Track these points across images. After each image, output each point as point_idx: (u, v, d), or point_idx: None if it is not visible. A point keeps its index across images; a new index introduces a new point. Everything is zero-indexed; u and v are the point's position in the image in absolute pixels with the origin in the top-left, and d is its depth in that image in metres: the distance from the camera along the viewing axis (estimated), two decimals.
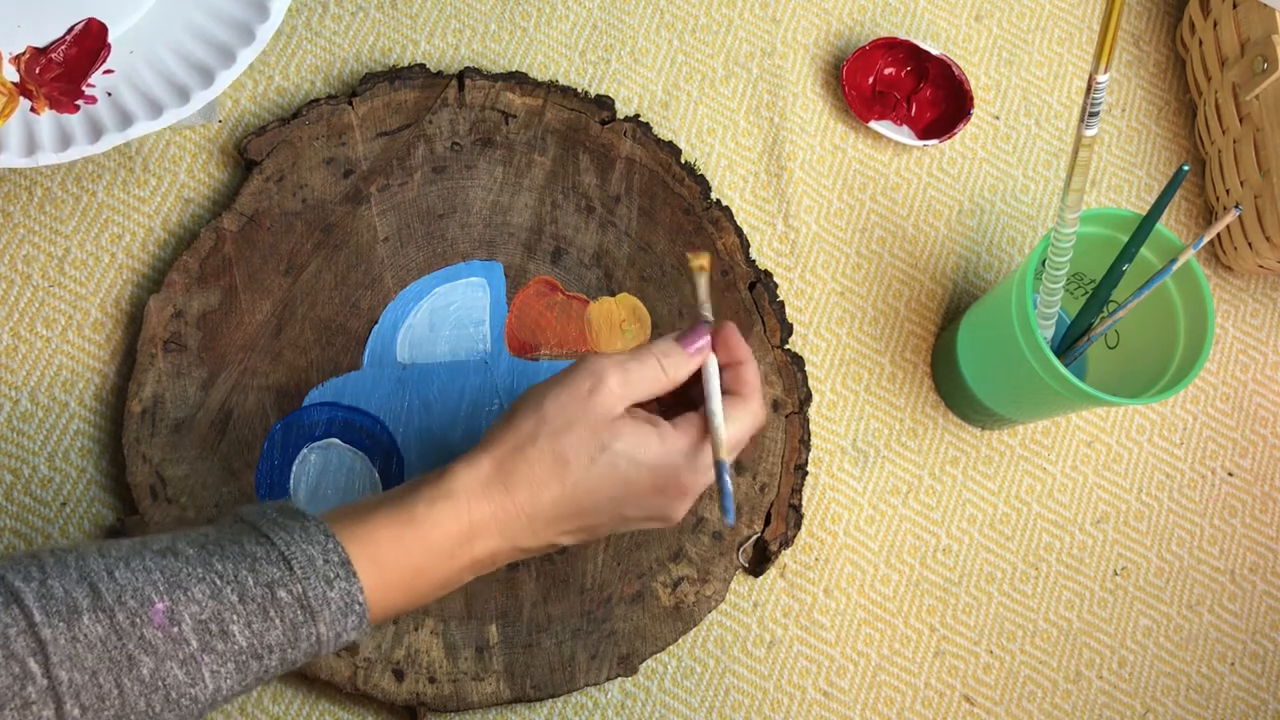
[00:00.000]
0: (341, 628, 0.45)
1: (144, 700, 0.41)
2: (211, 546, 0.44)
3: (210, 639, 0.42)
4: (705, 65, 0.73)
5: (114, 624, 0.40)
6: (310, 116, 0.65)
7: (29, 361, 0.62)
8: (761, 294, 0.68)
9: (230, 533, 0.45)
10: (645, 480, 0.48)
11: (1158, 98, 0.78)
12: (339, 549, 0.45)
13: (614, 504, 0.49)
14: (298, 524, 0.45)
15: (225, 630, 0.42)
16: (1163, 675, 0.69)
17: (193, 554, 0.43)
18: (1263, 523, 0.72)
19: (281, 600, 0.43)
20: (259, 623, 0.43)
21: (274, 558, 0.44)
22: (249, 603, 0.43)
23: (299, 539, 0.44)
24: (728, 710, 0.64)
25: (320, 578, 0.44)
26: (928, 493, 0.69)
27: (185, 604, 0.42)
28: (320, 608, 0.44)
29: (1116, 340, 0.66)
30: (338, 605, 0.44)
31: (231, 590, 0.43)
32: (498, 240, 0.66)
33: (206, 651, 0.42)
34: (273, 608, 0.43)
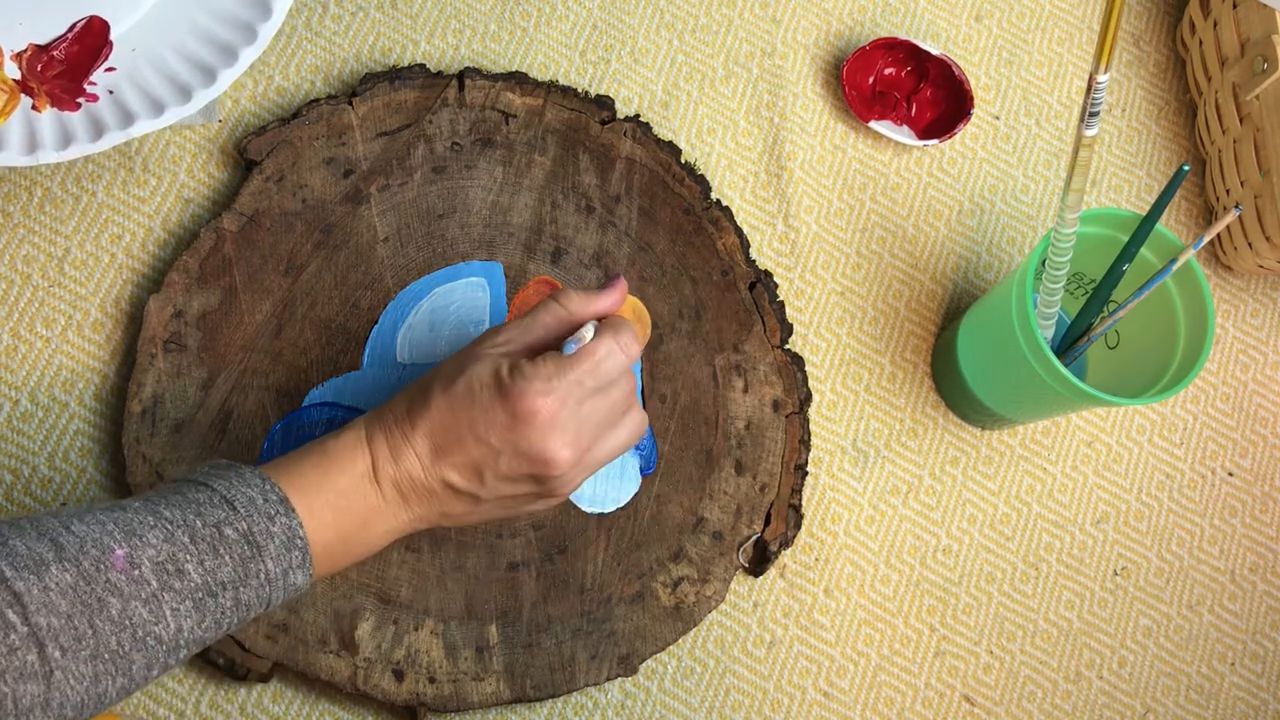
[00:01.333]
0: (287, 563, 0.47)
1: (115, 639, 0.43)
2: (155, 499, 0.47)
3: (168, 578, 0.45)
4: (705, 65, 0.73)
5: (80, 571, 0.43)
6: (310, 116, 0.65)
7: (29, 361, 0.62)
8: (761, 294, 0.68)
9: (171, 487, 0.48)
10: (494, 402, 0.50)
11: (1158, 98, 0.78)
12: (275, 489, 0.48)
13: (473, 430, 0.50)
14: (233, 471, 0.48)
15: (181, 569, 0.45)
16: (1163, 675, 0.69)
17: (139, 505, 0.46)
18: (1263, 523, 0.72)
19: (229, 537, 0.46)
20: (210, 560, 0.46)
21: (217, 501, 0.47)
22: (199, 542, 0.46)
23: (237, 483, 0.48)
24: (728, 710, 0.64)
25: (262, 514, 0.47)
26: (928, 493, 0.69)
27: (142, 548, 0.44)
28: (265, 542, 0.47)
29: (1116, 340, 0.66)
30: (281, 539, 0.47)
31: (182, 532, 0.45)
32: (498, 240, 0.66)
33: (166, 590, 0.44)
34: (221, 545, 0.46)
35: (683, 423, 0.65)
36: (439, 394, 0.51)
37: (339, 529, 0.50)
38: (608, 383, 0.52)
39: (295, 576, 0.48)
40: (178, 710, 0.60)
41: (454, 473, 0.51)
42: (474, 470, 0.51)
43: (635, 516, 0.63)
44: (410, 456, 0.51)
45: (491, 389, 0.50)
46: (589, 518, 0.63)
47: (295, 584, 0.48)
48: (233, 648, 0.59)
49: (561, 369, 0.50)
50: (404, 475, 0.51)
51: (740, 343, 0.67)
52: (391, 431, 0.51)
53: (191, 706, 0.60)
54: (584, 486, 0.63)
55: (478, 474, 0.51)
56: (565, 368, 0.50)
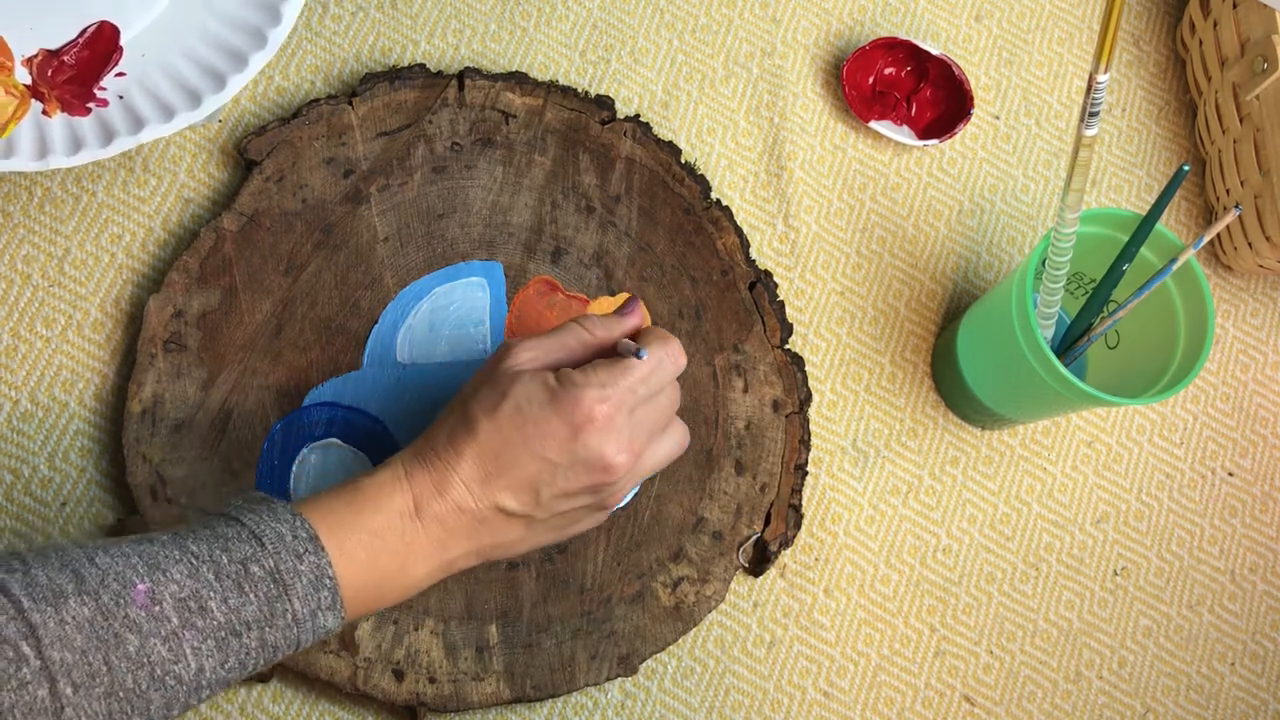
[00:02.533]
0: (315, 604, 0.46)
1: (131, 677, 0.42)
2: (184, 532, 0.46)
3: (190, 615, 0.43)
4: (705, 65, 0.73)
5: (99, 605, 0.42)
6: (310, 116, 0.65)
7: (29, 361, 0.62)
8: (761, 294, 0.68)
9: (201, 522, 0.47)
10: (548, 415, 0.50)
11: (1158, 98, 0.78)
12: (306, 525, 0.47)
13: (529, 447, 0.50)
14: (264, 506, 0.47)
15: (204, 607, 0.44)
16: (1163, 675, 0.69)
17: (167, 539, 0.45)
18: (1263, 523, 0.72)
19: (255, 575, 0.45)
20: (235, 598, 0.44)
21: (245, 536, 0.46)
22: (224, 579, 0.44)
23: (267, 518, 0.46)
24: (728, 710, 0.64)
25: (290, 552, 0.46)
26: (928, 493, 0.69)
27: (165, 584, 0.43)
28: (292, 580, 0.46)
29: (1116, 340, 0.66)
30: (309, 578, 0.46)
31: (207, 569, 0.44)
32: (498, 240, 0.66)
33: (187, 628, 0.43)
34: (247, 583, 0.45)
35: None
36: (484, 418, 0.50)
37: (374, 570, 0.48)
38: (658, 390, 0.52)
39: (325, 619, 0.47)
40: None
41: (508, 496, 0.50)
42: (530, 490, 0.50)
43: (635, 516, 0.63)
44: (458, 486, 0.50)
45: (543, 403, 0.50)
46: None
47: (325, 626, 0.47)
48: None
49: (615, 376, 0.51)
50: (451, 508, 0.50)
51: (740, 343, 0.67)
52: (434, 464, 0.50)
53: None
54: None
55: (534, 493, 0.50)
56: (618, 375, 0.51)
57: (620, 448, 0.51)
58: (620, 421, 0.51)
